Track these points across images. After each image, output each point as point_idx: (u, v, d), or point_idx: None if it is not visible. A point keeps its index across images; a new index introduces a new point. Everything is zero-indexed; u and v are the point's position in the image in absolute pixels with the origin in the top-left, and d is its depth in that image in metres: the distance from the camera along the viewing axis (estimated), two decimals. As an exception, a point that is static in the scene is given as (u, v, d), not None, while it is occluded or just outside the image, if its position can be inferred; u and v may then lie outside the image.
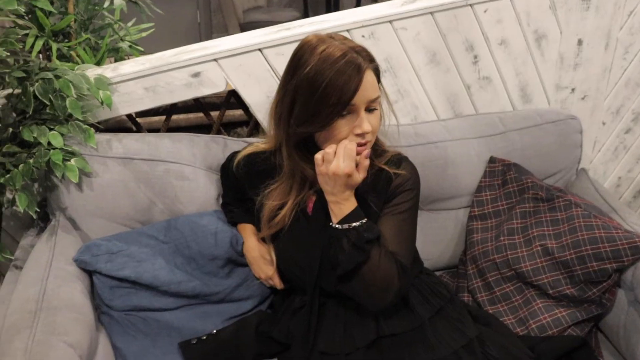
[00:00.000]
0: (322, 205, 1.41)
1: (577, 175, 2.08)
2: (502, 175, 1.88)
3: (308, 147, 1.39)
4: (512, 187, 1.86)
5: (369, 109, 1.32)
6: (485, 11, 1.94)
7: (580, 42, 2.07)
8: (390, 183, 1.41)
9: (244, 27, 4.56)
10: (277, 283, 1.59)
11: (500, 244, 1.77)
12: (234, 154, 1.63)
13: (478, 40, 1.98)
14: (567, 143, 2.00)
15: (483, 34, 1.98)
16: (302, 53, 1.32)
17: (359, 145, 1.31)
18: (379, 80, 1.34)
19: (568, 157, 2.01)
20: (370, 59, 1.32)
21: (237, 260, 1.62)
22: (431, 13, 1.89)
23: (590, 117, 2.21)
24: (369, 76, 1.29)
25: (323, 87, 1.26)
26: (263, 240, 1.59)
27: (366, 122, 1.30)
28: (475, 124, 1.94)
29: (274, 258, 1.56)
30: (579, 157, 2.05)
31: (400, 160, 1.45)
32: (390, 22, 1.86)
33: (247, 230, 1.63)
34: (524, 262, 1.72)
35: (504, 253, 1.76)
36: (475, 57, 2.00)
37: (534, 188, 1.82)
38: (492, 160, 1.90)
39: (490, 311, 1.73)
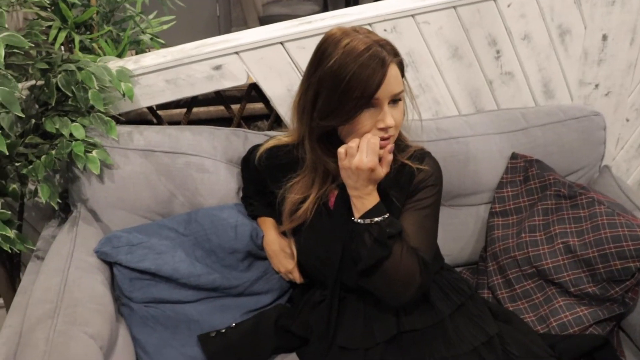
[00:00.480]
0: (344, 199, 1.40)
1: (600, 172, 2.05)
2: (524, 172, 1.86)
3: (331, 140, 1.38)
4: (534, 184, 1.84)
5: (393, 103, 1.31)
6: (508, 5, 1.92)
7: (604, 37, 2.05)
8: (413, 178, 1.40)
9: (263, 21, 4.55)
10: (297, 277, 1.58)
11: (522, 240, 1.75)
12: (256, 147, 1.62)
13: (501, 35, 1.96)
14: (590, 140, 1.97)
15: (506, 28, 1.96)
16: (326, 46, 1.31)
17: (382, 139, 1.30)
18: (403, 75, 1.33)
19: (591, 154, 1.98)
20: (395, 53, 1.30)
21: (257, 254, 1.62)
22: (454, 7, 1.88)
23: (613, 114, 2.19)
24: (392, 70, 1.28)
25: (347, 81, 1.25)
26: (283, 234, 1.59)
27: (389, 116, 1.29)
28: (497, 119, 1.92)
29: (294, 252, 1.55)
30: (602, 154, 2.02)
31: (423, 155, 1.44)
32: (412, 16, 1.85)
33: (267, 224, 1.62)
34: (545, 260, 1.70)
35: (525, 250, 1.74)
36: (498, 52, 1.98)
37: (556, 185, 1.80)
38: (514, 156, 1.88)
39: (511, 308, 1.71)
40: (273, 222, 1.62)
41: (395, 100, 1.31)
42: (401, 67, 1.32)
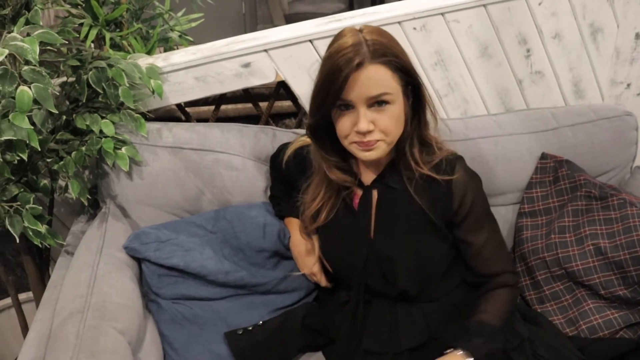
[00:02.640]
0: (367, 199, 1.40)
1: (631, 173, 2.02)
2: (554, 172, 1.84)
3: (332, 143, 1.37)
4: (564, 184, 1.82)
5: (376, 105, 1.25)
6: (539, 4, 1.90)
7: (637, 36, 2.01)
8: (450, 196, 1.38)
9: (289, 19, 4.55)
10: (321, 280, 1.57)
11: (551, 241, 1.73)
12: (285, 145, 1.62)
13: (531, 34, 1.94)
14: (622, 140, 1.94)
15: (537, 27, 1.93)
16: (332, 41, 1.30)
17: (361, 143, 1.28)
18: (403, 77, 1.27)
19: (622, 154, 1.95)
20: (381, 54, 1.23)
21: (284, 254, 1.62)
22: (484, 5, 1.86)
23: (645, 114, 2.15)
24: (369, 71, 1.22)
25: (321, 81, 1.25)
26: (310, 235, 1.58)
27: (364, 121, 1.24)
28: (526, 119, 1.90)
29: (319, 254, 1.55)
30: (634, 154, 1.99)
31: (453, 162, 1.40)
32: (442, 14, 1.83)
33: (294, 224, 1.62)
34: (575, 261, 1.68)
35: (554, 251, 1.72)
36: (528, 50, 1.96)
37: (587, 186, 1.77)
38: (543, 156, 1.86)
39: (539, 310, 1.70)
40: (299, 223, 1.60)
41: (379, 102, 1.25)
42: (392, 67, 1.25)
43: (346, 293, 1.51)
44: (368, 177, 1.43)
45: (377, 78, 1.23)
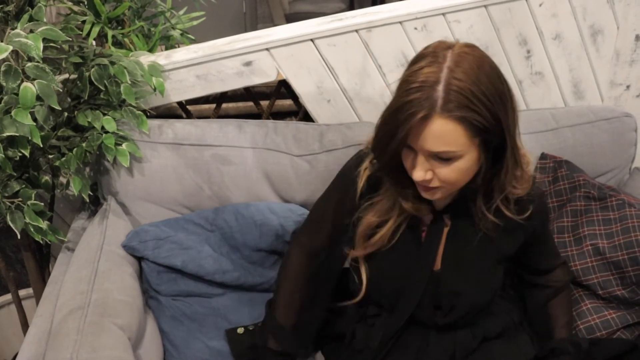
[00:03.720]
0: (438, 227, 1.28)
1: (630, 174, 2.03)
2: (553, 172, 1.85)
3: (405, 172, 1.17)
4: (563, 185, 1.82)
5: (435, 158, 1.08)
6: (540, 5, 1.90)
7: (638, 37, 2.02)
8: (524, 234, 1.34)
9: (290, 18, 4.56)
10: None
11: (550, 242, 1.74)
12: (362, 155, 1.35)
13: (532, 35, 1.94)
14: (621, 141, 1.95)
15: (537, 28, 1.94)
16: (414, 58, 1.10)
17: (421, 185, 1.15)
18: (479, 133, 1.05)
19: (622, 155, 1.96)
20: (458, 106, 1.01)
21: (283, 252, 1.62)
22: (485, 6, 1.86)
23: (645, 115, 2.16)
24: (436, 125, 1.02)
25: (386, 115, 1.08)
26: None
27: (419, 171, 1.09)
28: (526, 119, 1.90)
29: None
30: (633, 155, 2.00)
31: (528, 202, 1.28)
32: (443, 14, 1.84)
33: None
34: (573, 261, 1.69)
35: (553, 251, 1.72)
36: (529, 51, 1.96)
37: (586, 186, 1.78)
38: (543, 156, 1.87)
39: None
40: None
41: (440, 158, 1.08)
42: (467, 125, 1.03)
43: (376, 308, 1.41)
44: (441, 202, 1.28)
45: (442, 136, 1.03)
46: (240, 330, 1.53)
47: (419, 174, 1.09)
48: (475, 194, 1.21)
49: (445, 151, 1.05)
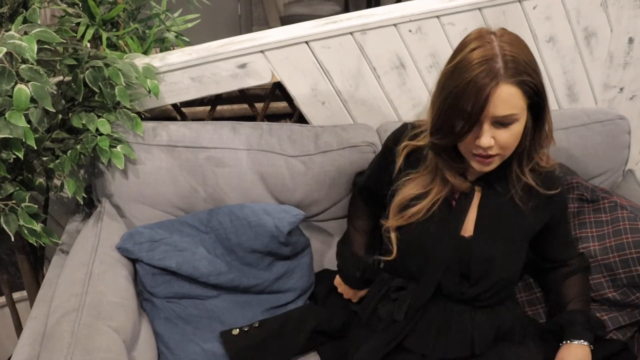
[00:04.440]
0: (469, 196, 1.39)
1: (623, 176, 2.04)
2: (547, 175, 1.85)
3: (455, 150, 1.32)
4: (556, 187, 1.83)
5: (498, 124, 1.21)
6: (534, 8, 1.91)
7: (631, 40, 2.03)
8: (550, 211, 1.44)
9: (285, 20, 4.56)
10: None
11: (543, 244, 1.74)
12: (407, 127, 1.49)
13: (526, 37, 1.91)
14: (615, 144, 1.95)
15: (531, 30, 1.95)
16: (459, 47, 1.24)
17: (480, 156, 1.25)
18: (532, 96, 1.22)
19: (615, 157, 1.97)
20: (517, 72, 1.17)
21: (277, 253, 1.62)
22: (479, 9, 1.87)
23: (638, 118, 2.17)
24: (503, 91, 1.16)
25: (451, 95, 1.19)
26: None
27: (486, 138, 1.21)
28: (520, 122, 1.91)
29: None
30: (626, 158, 2.00)
31: (557, 177, 1.44)
32: (437, 17, 1.84)
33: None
34: (567, 264, 1.69)
35: (546, 253, 1.73)
36: (523, 54, 1.97)
37: (579, 188, 1.78)
38: (537, 159, 1.87)
39: (529, 312, 1.70)
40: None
41: (504, 122, 1.21)
42: (525, 88, 1.19)
43: (402, 280, 1.48)
44: (472, 174, 1.39)
45: (508, 100, 1.17)
46: (235, 332, 1.52)
47: (486, 140, 1.20)
48: (511, 159, 1.32)
49: (510, 114, 1.19)
